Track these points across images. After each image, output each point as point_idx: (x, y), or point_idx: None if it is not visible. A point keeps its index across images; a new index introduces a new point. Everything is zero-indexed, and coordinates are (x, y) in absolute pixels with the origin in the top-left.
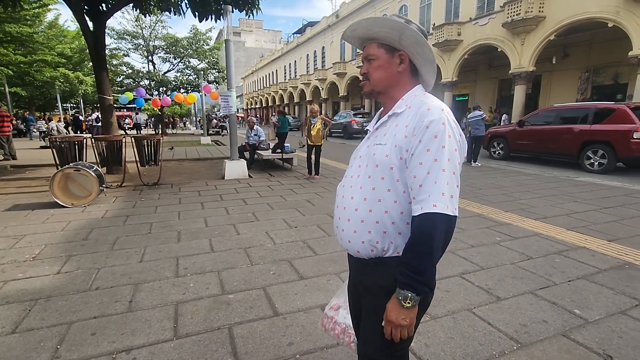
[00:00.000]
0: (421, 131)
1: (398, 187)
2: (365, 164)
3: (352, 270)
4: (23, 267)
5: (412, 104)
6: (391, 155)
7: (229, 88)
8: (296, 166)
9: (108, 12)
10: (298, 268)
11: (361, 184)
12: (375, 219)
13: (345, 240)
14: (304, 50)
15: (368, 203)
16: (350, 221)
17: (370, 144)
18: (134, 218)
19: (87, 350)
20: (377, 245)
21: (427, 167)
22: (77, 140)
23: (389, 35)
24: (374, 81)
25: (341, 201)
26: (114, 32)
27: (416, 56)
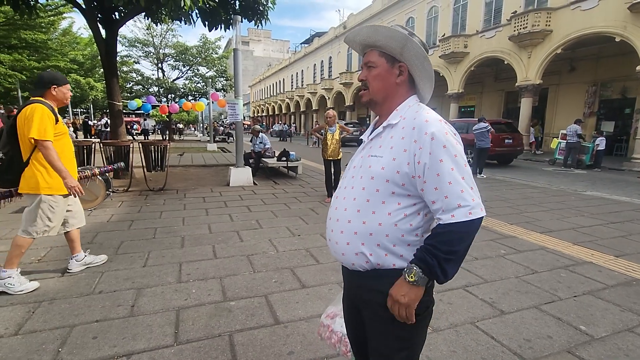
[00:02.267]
0: (426, 144)
1: (393, 200)
2: (359, 175)
3: (347, 283)
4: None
5: (407, 114)
6: (387, 167)
7: (236, 96)
8: (301, 174)
9: (120, 20)
10: (300, 276)
11: (355, 196)
12: (369, 231)
13: (339, 252)
14: (311, 59)
15: (361, 215)
16: (344, 233)
17: (364, 155)
18: (139, 223)
19: (88, 354)
20: (371, 258)
21: (447, 177)
22: (86, 144)
23: (390, 45)
24: (373, 90)
25: (334, 212)
26: (126, 40)
27: (416, 69)
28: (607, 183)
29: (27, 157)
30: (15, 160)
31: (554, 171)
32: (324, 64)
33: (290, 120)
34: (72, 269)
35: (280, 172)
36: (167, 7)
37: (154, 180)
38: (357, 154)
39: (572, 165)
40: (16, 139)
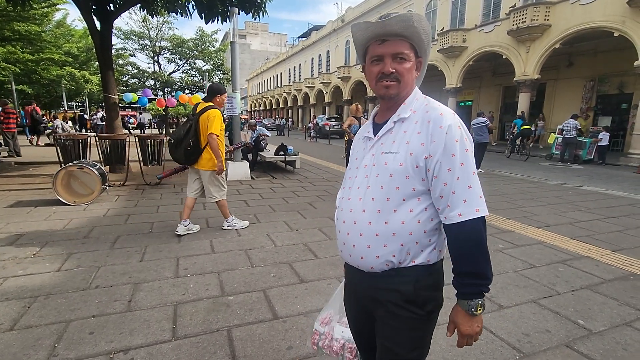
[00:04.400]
0: (441, 137)
1: (414, 196)
2: (374, 174)
3: (353, 284)
4: (24, 263)
5: (417, 108)
6: (406, 163)
7: (234, 90)
8: (299, 169)
9: (116, 12)
10: (299, 271)
11: (373, 195)
12: (392, 231)
13: (357, 256)
14: (309, 53)
15: (383, 215)
16: (363, 236)
17: (376, 153)
18: (135, 217)
19: (84, 350)
20: (394, 259)
21: (456, 173)
22: (81, 138)
23: (423, 40)
24: (405, 83)
25: (349, 215)
26: (121, 32)
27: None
28: (603, 178)
29: (204, 145)
30: (197, 147)
31: (551, 166)
32: (322, 58)
33: (287, 115)
34: (179, 232)
35: (278, 167)
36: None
37: (151, 174)
38: (363, 152)
39: (569, 160)
40: (198, 132)
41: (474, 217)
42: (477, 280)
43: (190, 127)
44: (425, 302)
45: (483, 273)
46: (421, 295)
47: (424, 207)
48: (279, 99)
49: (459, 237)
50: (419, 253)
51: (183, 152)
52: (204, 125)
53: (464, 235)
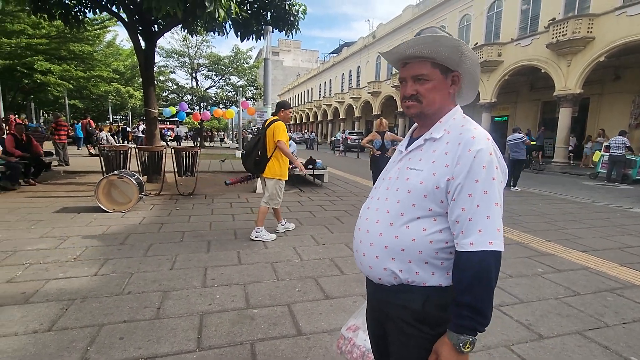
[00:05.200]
0: (467, 161)
1: (429, 216)
2: (395, 187)
3: (371, 296)
4: (65, 267)
5: (452, 128)
6: (427, 182)
7: (265, 104)
8: (327, 183)
9: (159, 32)
10: (324, 287)
11: (388, 208)
12: (401, 246)
13: (366, 265)
14: (340, 69)
15: (394, 229)
16: (373, 246)
17: (402, 167)
18: (168, 226)
19: (114, 355)
20: (401, 275)
21: (476, 200)
22: (123, 149)
23: (450, 55)
24: (428, 103)
25: (364, 223)
26: (163, 51)
27: (469, 77)
28: None
29: (270, 154)
30: (264, 156)
31: (596, 186)
32: (352, 73)
33: (318, 129)
34: (278, 230)
35: (306, 180)
36: (202, 19)
37: (185, 185)
38: (392, 165)
39: (617, 179)
40: (265, 142)
41: (485, 250)
42: (474, 315)
43: (259, 139)
44: (436, 323)
45: (482, 311)
46: (431, 314)
47: (439, 228)
48: (309, 113)
49: (466, 266)
50: (430, 275)
51: (253, 161)
52: (270, 137)
53: (471, 266)
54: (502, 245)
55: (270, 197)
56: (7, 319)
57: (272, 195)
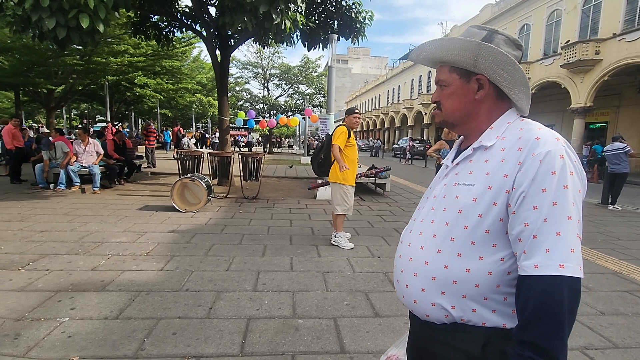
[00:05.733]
0: (532, 166)
1: (487, 240)
2: (441, 207)
3: (415, 331)
4: (138, 260)
5: (507, 134)
6: (481, 199)
7: (328, 112)
8: (389, 192)
9: (234, 46)
10: (374, 303)
11: (435, 232)
12: (452, 278)
13: (409, 298)
14: (409, 75)
15: (443, 257)
16: (418, 276)
17: (449, 183)
18: (230, 228)
19: (165, 349)
20: (453, 312)
21: (544, 213)
22: (197, 154)
23: (460, 58)
24: (446, 111)
25: (406, 250)
26: (239, 63)
27: (500, 79)
28: None
29: (333, 159)
30: (327, 160)
31: None
32: (422, 79)
33: (384, 137)
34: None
35: (368, 188)
36: (271, 31)
37: (250, 189)
38: (437, 181)
39: None
40: (329, 147)
41: (554, 275)
42: (538, 358)
43: (323, 144)
44: None
45: (549, 352)
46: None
47: (501, 256)
48: (375, 120)
49: (529, 294)
50: (490, 313)
51: (317, 165)
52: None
53: (535, 295)
54: (578, 270)
55: (337, 203)
56: (86, 303)
57: (338, 201)
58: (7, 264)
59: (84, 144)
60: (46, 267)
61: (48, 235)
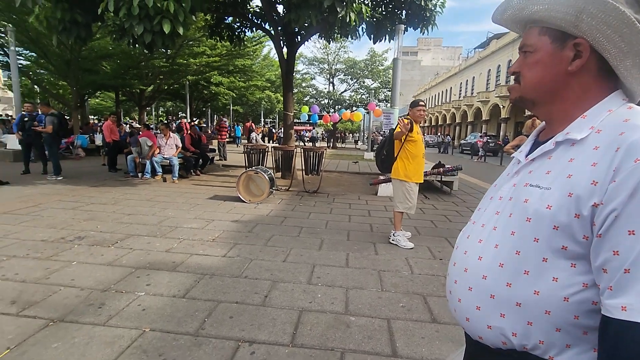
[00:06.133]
0: (631, 177)
1: (563, 258)
2: (507, 212)
3: (469, 348)
4: (205, 245)
5: (606, 125)
6: (558, 207)
7: (392, 106)
8: (456, 191)
9: (300, 42)
10: (432, 307)
11: (497, 241)
12: (516, 300)
13: (462, 314)
14: (486, 65)
15: (506, 272)
16: (473, 291)
17: (519, 183)
18: (289, 220)
19: (222, 331)
20: (514, 339)
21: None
22: (262, 148)
23: (557, 14)
24: (527, 84)
25: (462, 258)
26: (306, 59)
27: (607, 46)
28: None
29: (396, 154)
30: (390, 156)
31: None
32: (501, 69)
33: (455, 132)
34: (390, 239)
35: (433, 186)
36: (336, 25)
37: (311, 182)
38: (505, 178)
39: None
40: (392, 142)
41: None
42: None
43: (386, 140)
44: None
45: None
46: None
47: (582, 280)
48: (446, 114)
49: (615, 344)
50: (563, 348)
51: (379, 161)
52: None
53: (622, 345)
54: None
55: (399, 200)
56: (159, 281)
57: (400, 198)
58: (101, 241)
59: (165, 137)
60: (130, 246)
61: (134, 218)
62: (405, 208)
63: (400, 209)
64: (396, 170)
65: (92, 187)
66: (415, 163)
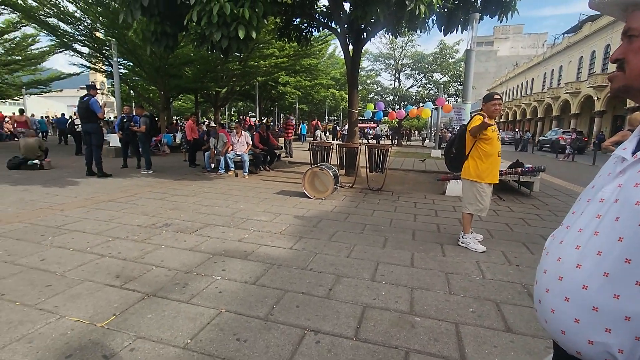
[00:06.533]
0: None
1: None
2: (612, 216)
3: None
4: (273, 237)
5: None
6: None
7: (464, 100)
8: (537, 192)
9: (366, 38)
10: (507, 316)
11: (600, 248)
12: (625, 313)
13: (555, 326)
14: (577, 51)
15: (612, 283)
16: (571, 302)
17: (626, 184)
18: (353, 217)
19: (289, 318)
20: (620, 356)
21: None
22: (327, 145)
23: None
24: (633, 72)
25: (555, 265)
26: (371, 56)
27: None
28: None
29: (467, 152)
30: (460, 154)
31: None
32: (596, 55)
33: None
34: (459, 241)
35: (509, 187)
36: (404, 19)
37: (375, 180)
38: (606, 179)
39: None
40: (463, 140)
41: None
42: None
43: (456, 137)
44: None
45: None
46: None
47: None
48: (525, 109)
49: None
50: None
51: (449, 160)
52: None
53: None
54: None
55: (468, 201)
56: (232, 268)
57: (469, 199)
58: (184, 228)
59: (238, 135)
60: (208, 234)
61: (210, 209)
62: (475, 210)
63: (470, 210)
64: (467, 169)
65: (175, 180)
66: (489, 162)
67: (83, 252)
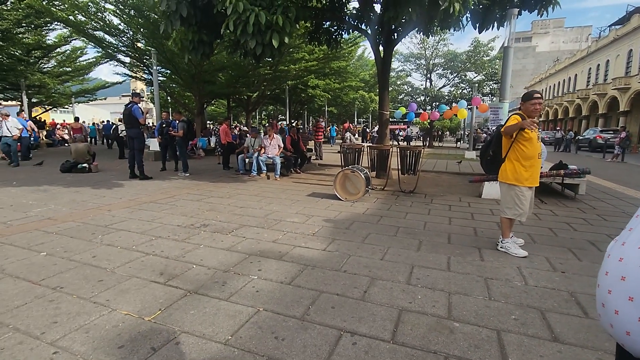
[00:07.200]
0: None
1: None
2: None
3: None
4: (306, 238)
5: None
6: None
7: (501, 99)
8: (583, 195)
9: (397, 39)
10: (553, 325)
11: None
12: None
13: (620, 329)
14: (625, 44)
15: None
16: (635, 302)
17: None
18: (386, 219)
19: (325, 319)
20: None
21: None
22: (357, 147)
23: None
24: None
25: (617, 266)
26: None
27: None
28: None
29: (505, 155)
30: (497, 156)
31: None
32: None
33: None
34: (498, 246)
35: (552, 189)
36: (437, 18)
37: (407, 182)
38: None
39: None
40: (500, 142)
41: None
42: None
43: (492, 138)
44: None
45: None
46: None
47: None
48: (568, 107)
49: None
50: None
51: (485, 162)
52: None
53: None
54: None
55: (507, 205)
56: (268, 268)
57: (508, 203)
58: (220, 229)
59: (270, 138)
60: (243, 235)
61: (245, 211)
62: (514, 215)
63: (509, 215)
64: (504, 172)
65: (211, 182)
66: (529, 165)
67: (129, 250)
